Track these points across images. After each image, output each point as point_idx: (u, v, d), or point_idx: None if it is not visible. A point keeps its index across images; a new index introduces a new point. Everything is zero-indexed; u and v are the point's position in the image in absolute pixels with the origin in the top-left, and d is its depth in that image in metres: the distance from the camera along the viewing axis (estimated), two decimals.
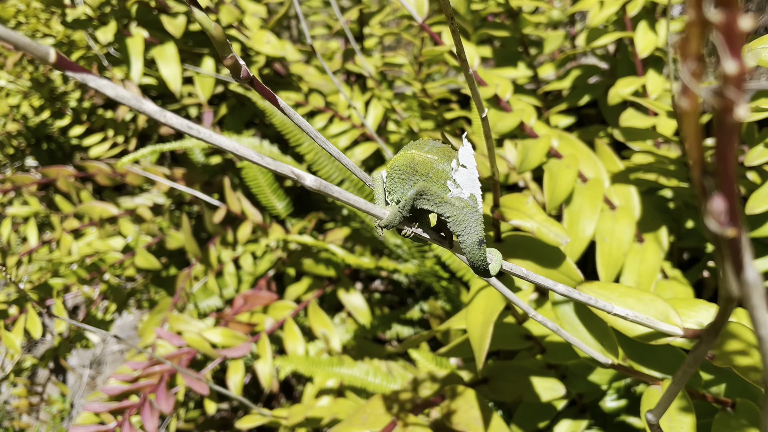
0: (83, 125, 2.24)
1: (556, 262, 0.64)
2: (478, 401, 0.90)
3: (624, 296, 0.56)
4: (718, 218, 0.18)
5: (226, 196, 1.50)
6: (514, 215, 0.60)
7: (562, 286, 0.45)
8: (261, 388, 1.99)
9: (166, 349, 1.50)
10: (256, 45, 1.50)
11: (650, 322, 0.50)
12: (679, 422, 0.57)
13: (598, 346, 0.60)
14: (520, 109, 0.89)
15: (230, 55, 0.38)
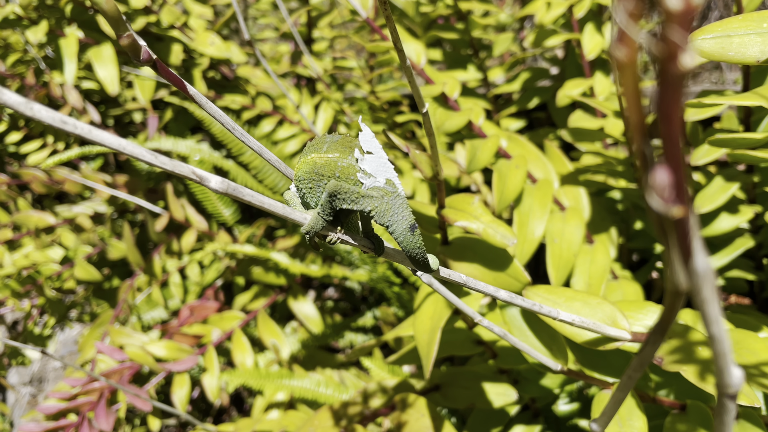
0: (21, 131, 2.14)
1: (504, 264, 0.62)
2: (428, 410, 0.87)
3: (571, 300, 0.54)
4: (661, 194, 0.16)
5: (168, 203, 1.44)
6: (460, 216, 0.57)
7: (504, 292, 0.43)
8: (211, 401, 1.93)
9: (107, 364, 1.43)
10: (200, 46, 1.45)
11: (597, 327, 0.48)
12: (630, 426, 0.56)
13: (547, 352, 0.58)
14: (468, 109, 0.88)
15: (126, 33, 0.34)
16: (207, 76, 1.63)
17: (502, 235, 0.55)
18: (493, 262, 0.62)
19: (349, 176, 0.42)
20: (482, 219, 0.57)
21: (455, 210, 0.59)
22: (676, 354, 0.51)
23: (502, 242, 0.55)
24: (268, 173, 1.38)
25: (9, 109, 2.16)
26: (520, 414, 1.07)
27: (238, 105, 1.50)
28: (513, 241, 0.55)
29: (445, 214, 0.59)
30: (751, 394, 0.47)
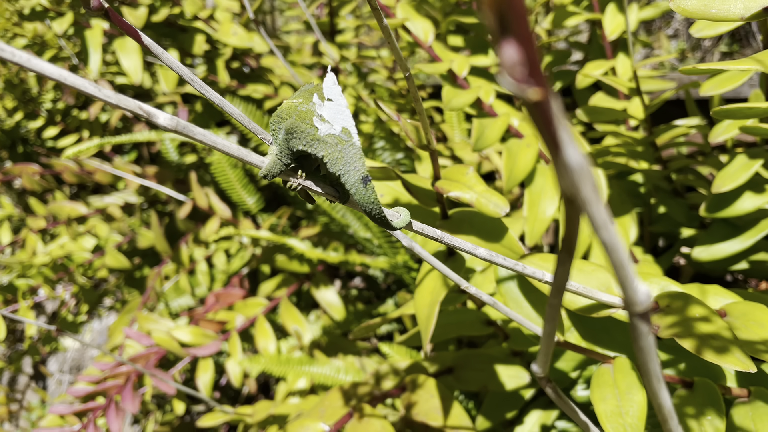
0: (57, 126, 2.21)
1: (499, 235, 0.61)
2: (438, 391, 0.87)
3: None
4: (512, 73, 0.15)
5: (193, 191, 1.46)
6: (454, 187, 0.57)
7: (483, 250, 0.42)
8: (240, 388, 1.95)
9: (134, 349, 1.47)
10: (223, 37, 1.47)
11: (587, 292, 0.47)
12: (629, 400, 0.54)
13: (542, 323, 0.57)
14: (478, 87, 0.86)
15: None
16: (231, 67, 1.65)
17: (494, 204, 0.54)
18: (489, 233, 0.61)
19: (305, 120, 0.41)
20: (476, 189, 0.56)
21: (449, 181, 0.58)
22: (674, 327, 0.49)
23: (495, 211, 0.54)
24: None
25: (46, 105, 2.23)
26: (537, 399, 1.05)
27: (261, 94, 1.51)
28: (505, 210, 0.54)
29: (439, 185, 0.58)
30: (746, 361, 0.46)
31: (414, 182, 0.61)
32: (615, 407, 0.54)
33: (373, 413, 0.81)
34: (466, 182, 0.57)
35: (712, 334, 0.46)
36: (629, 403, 0.54)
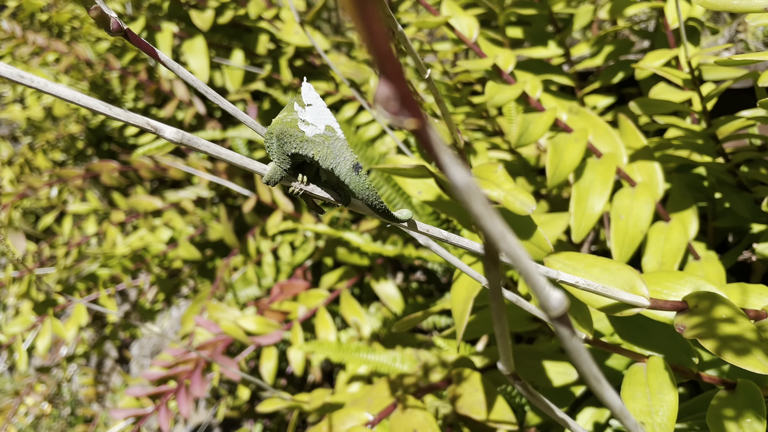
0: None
1: (529, 233, 0.61)
2: (482, 385, 0.87)
3: (590, 266, 0.53)
4: (387, 107, 0.16)
5: (256, 185, 1.52)
6: (482, 185, 0.57)
7: (479, 244, 0.43)
8: (305, 376, 2.02)
9: (204, 336, 1.55)
10: (286, 36, 1.52)
11: (606, 291, 0.47)
12: (660, 400, 0.53)
13: (572, 321, 0.57)
14: (523, 82, 0.86)
15: (94, 6, 0.38)
16: (296, 65, 1.70)
17: (521, 202, 0.55)
18: (519, 231, 0.61)
19: (292, 126, 0.44)
20: (504, 187, 0.56)
21: (479, 179, 0.59)
22: (699, 328, 0.48)
23: (522, 209, 0.54)
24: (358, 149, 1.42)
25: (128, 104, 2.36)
26: (590, 396, 1.04)
27: (321, 91, 1.55)
28: (532, 207, 0.54)
29: None
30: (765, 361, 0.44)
31: (445, 179, 0.62)
32: (645, 406, 0.54)
33: (416, 404, 0.83)
34: (494, 180, 0.57)
35: (735, 336, 0.45)
36: (660, 402, 0.53)
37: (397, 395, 0.89)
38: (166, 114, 2.14)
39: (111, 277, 1.63)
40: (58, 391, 2.98)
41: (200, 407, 2.37)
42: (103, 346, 1.87)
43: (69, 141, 2.70)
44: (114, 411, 1.40)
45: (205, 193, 1.86)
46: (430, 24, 0.82)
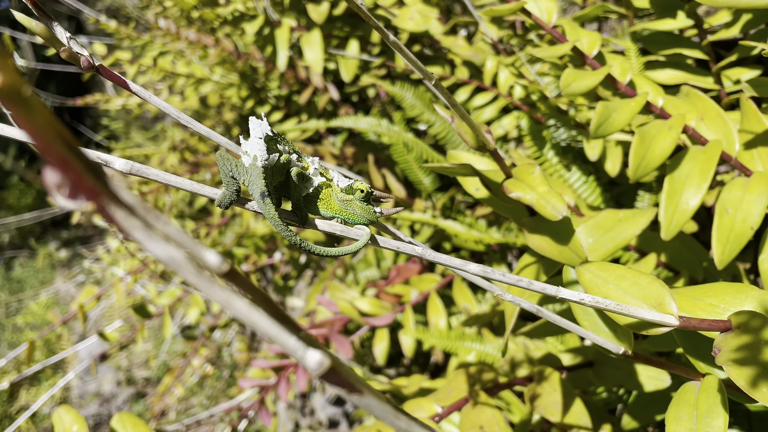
0: (281, 111, 2.49)
1: (567, 237, 0.57)
2: (561, 385, 0.84)
3: (620, 279, 0.48)
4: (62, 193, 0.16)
5: (369, 171, 1.56)
6: (517, 187, 0.54)
7: (474, 265, 0.41)
8: (429, 357, 2.05)
9: (324, 314, 1.63)
10: (400, 23, 1.53)
11: (621, 309, 0.43)
12: (706, 425, 0.48)
13: (610, 334, 0.52)
14: (608, 66, 0.79)
15: (63, 48, 0.41)
16: (413, 50, 1.70)
17: (552, 206, 0.51)
18: (559, 235, 0.57)
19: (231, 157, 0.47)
20: (538, 190, 0.53)
21: (515, 181, 0.56)
22: (739, 351, 0.43)
23: (552, 214, 0.51)
24: (457, 142, 1.41)
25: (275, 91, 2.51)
26: None
27: (436, 76, 1.55)
28: (562, 213, 0.51)
29: (505, 185, 0.56)
30: None
31: (492, 178, 0.60)
32: (689, 430, 0.49)
33: (487, 401, 0.82)
34: (530, 182, 0.54)
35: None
36: (706, 427, 0.48)
37: (475, 389, 0.89)
38: (302, 100, 2.26)
39: (245, 255, 1.78)
40: (219, 354, 3.31)
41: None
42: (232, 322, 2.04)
43: (224, 127, 2.95)
44: (242, 380, 1.53)
45: None
46: (503, 11, 0.78)
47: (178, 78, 2.66)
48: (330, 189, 0.53)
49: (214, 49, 2.27)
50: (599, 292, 0.50)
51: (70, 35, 0.42)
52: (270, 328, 0.16)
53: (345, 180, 0.54)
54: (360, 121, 1.43)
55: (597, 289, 0.50)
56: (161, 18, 2.26)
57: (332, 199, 0.53)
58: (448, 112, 0.52)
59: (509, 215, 0.66)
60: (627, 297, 0.48)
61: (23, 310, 4.25)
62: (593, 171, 1.38)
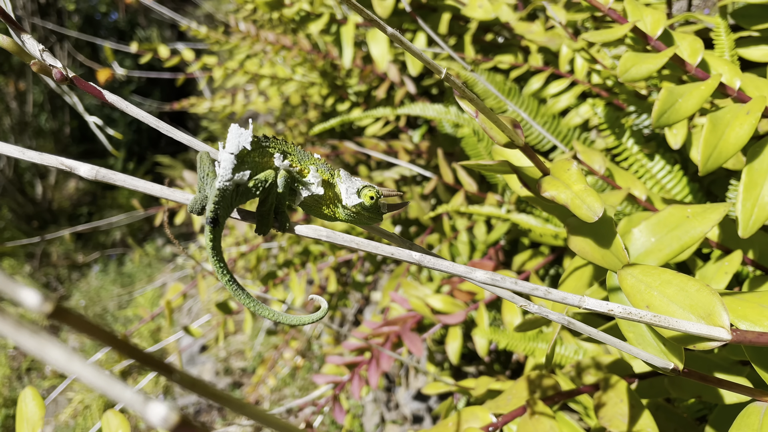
0: (360, 107, 2.50)
1: (608, 239, 0.51)
2: (628, 395, 0.77)
3: (665, 285, 0.43)
4: None
5: (439, 166, 1.53)
6: (551, 186, 0.50)
7: (481, 272, 0.37)
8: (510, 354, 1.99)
9: (397, 311, 1.62)
10: (469, 12, 1.48)
11: (658, 321, 0.38)
12: None
13: (657, 347, 0.46)
14: (675, 47, 0.71)
15: (33, 61, 0.41)
16: (486, 39, 1.65)
17: (587, 207, 0.46)
18: (600, 237, 0.52)
19: (205, 164, 0.46)
20: (573, 188, 0.48)
21: (551, 178, 0.51)
22: None
23: (587, 215, 0.46)
24: (530, 132, 1.34)
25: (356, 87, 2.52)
26: None
27: (507, 65, 1.49)
28: (598, 214, 0.46)
29: (540, 183, 0.52)
30: None
31: (530, 175, 0.56)
32: None
33: (545, 411, 0.77)
34: (565, 179, 0.50)
35: None
36: None
37: (535, 396, 0.84)
38: (380, 95, 2.25)
39: (320, 252, 1.79)
40: (309, 346, 3.38)
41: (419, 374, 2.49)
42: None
43: (307, 125, 3.00)
44: (316, 376, 1.55)
45: (407, 171, 1.92)
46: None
47: (263, 79, 2.73)
48: (334, 194, 0.51)
49: (292, 49, 2.31)
50: (641, 299, 0.45)
51: (43, 48, 0.43)
52: (96, 379, 0.14)
53: (354, 185, 0.52)
54: (427, 109, 1.40)
55: (639, 296, 0.45)
56: (241, 21, 2.32)
57: (338, 209, 0.52)
58: (471, 106, 0.48)
59: (555, 214, 0.61)
60: (672, 306, 0.43)
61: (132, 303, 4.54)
62: (679, 159, 1.28)
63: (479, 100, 0.45)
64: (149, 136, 6.63)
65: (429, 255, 0.39)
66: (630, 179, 0.86)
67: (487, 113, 0.46)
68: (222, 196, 0.46)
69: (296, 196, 0.51)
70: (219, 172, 0.46)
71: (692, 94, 0.69)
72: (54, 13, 5.92)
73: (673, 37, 0.75)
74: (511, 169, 0.57)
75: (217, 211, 0.45)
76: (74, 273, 5.44)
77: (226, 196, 0.46)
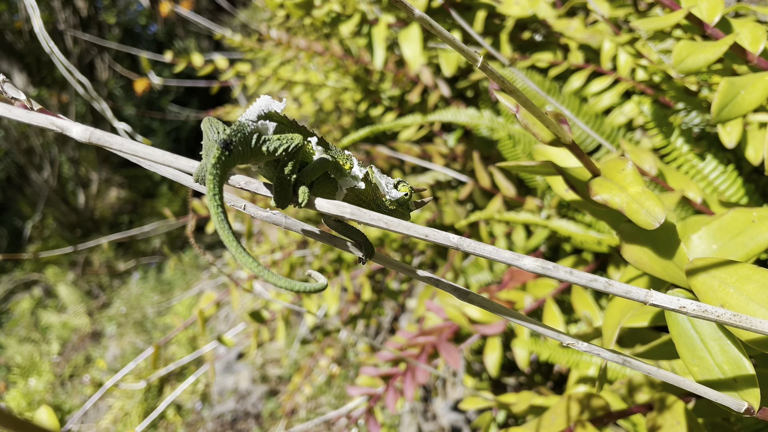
0: (393, 112, 2.46)
1: (671, 249, 0.45)
2: (686, 417, 0.71)
3: (744, 281, 0.37)
4: None
5: (475, 170, 1.47)
6: (603, 188, 0.44)
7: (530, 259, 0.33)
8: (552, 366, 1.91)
9: (433, 321, 1.56)
10: (505, 9, 1.42)
11: (737, 321, 0.32)
12: None
13: (728, 383, 0.40)
14: (735, 34, 0.65)
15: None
16: (523, 38, 1.59)
17: (647, 212, 0.40)
18: (661, 246, 0.46)
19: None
20: (629, 190, 0.43)
21: (602, 180, 0.45)
22: None
23: (647, 221, 0.40)
24: (575, 130, 1.28)
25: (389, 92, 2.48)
26: None
27: (546, 63, 1.42)
28: (659, 220, 0.40)
29: (590, 185, 0.46)
30: None
31: (578, 176, 0.50)
32: None
33: None
34: (619, 181, 0.44)
35: None
36: None
37: (583, 417, 0.78)
38: (413, 98, 2.20)
39: (354, 261, 1.75)
40: (345, 354, 3.35)
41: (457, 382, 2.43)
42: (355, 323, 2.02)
43: (341, 131, 2.97)
44: (350, 388, 1.50)
45: (441, 176, 1.87)
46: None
47: (296, 85, 2.72)
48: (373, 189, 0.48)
49: (324, 54, 2.28)
50: (715, 297, 0.39)
51: (3, 78, 0.39)
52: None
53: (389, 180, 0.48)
54: (460, 114, 1.35)
55: (713, 293, 0.39)
56: (273, 29, 2.31)
57: (376, 204, 0.48)
58: (511, 101, 0.43)
59: (605, 219, 0.56)
60: (752, 305, 0.37)
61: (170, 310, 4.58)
62: (733, 159, 1.20)
63: (521, 93, 0.40)
64: (187, 145, 6.73)
65: (468, 241, 0.35)
66: (683, 180, 0.80)
67: (530, 107, 0.40)
68: (241, 128, 0.41)
69: (337, 191, 0.47)
70: (243, 114, 0.42)
71: (756, 85, 0.62)
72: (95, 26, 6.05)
73: (731, 24, 0.68)
74: (555, 170, 0.51)
75: (233, 138, 0.41)
76: (115, 280, 5.53)
77: (245, 132, 0.42)
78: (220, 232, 0.37)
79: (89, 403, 1.66)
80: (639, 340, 1.35)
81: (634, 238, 0.50)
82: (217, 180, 0.38)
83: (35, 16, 1.06)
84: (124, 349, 4.44)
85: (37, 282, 5.59)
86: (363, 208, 0.49)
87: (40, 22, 1.08)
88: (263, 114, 0.43)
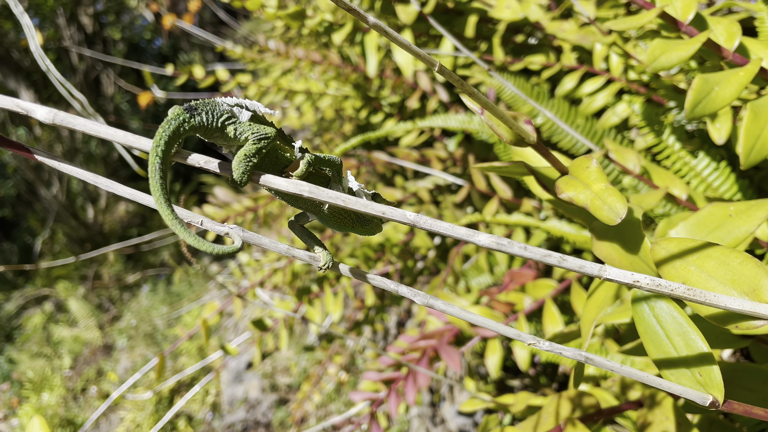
0: (394, 118, 2.47)
1: (636, 244, 0.46)
2: (674, 412, 0.71)
3: (705, 259, 0.37)
4: None
5: (471, 173, 1.48)
6: (569, 186, 0.45)
7: (485, 236, 0.33)
8: (556, 366, 1.91)
9: (434, 324, 1.57)
10: (497, 13, 1.43)
11: (692, 295, 0.33)
12: None
13: (692, 377, 0.41)
14: (708, 31, 0.65)
15: None
16: (516, 41, 1.60)
17: (609, 208, 0.41)
18: (627, 242, 0.46)
19: None
20: (593, 187, 0.43)
21: (569, 178, 0.46)
22: None
23: (609, 217, 0.41)
24: (563, 134, 1.29)
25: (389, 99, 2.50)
26: None
27: (538, 65, 1.43)
28: (621, 215, 0.41)
29: (557, 184, 0.47)
30: None
31: (548, 176, 0.51)
32: None
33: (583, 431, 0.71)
34: (584, 179, 0.45)
35: None
36: None
37: (574, 416, 0.78)
38: (412, 104, 2.21)
39: (356, 265, 1.76)
40: (353, 361, 3.35)
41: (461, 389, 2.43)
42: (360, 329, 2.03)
43: (343, 138, 2.99)
44: (352, 393, 1.51)
45: (441, 181, 1.88)
46: None
47: (297, 95, 2.74)
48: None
49: (322, 63, 2.30)
50: (677, 276, 0.40)
51: None
52: None
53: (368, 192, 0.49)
54: (450, 120, 1.36)
55: (675, 272, 0.40)
56: (271, 40, 2.33)
57: (353, 214, 0.48)
58: (475, 103, 0.44)
59: (581, 217, 0.56)
60: (711, 281, 0.38)
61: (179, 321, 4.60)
62: (726, 156, 1.20)
63: (481, 95, 0.41)
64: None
65: (424, 218, 0.36)
66: (669, 178, 0.80)
67: (491, 108, 0.42)
68: (212, 104, 0.42)
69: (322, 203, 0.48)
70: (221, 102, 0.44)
71: (730, 81, 0.63)
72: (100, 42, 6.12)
73: (706, 21, 0.69)
74: (527, 170, 0.52)
75: (200, 107, 0.42)
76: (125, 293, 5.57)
77: (216, 109, 0.43)
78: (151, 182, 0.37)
79: (95, 414, 1.68)
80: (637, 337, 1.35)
81: (603, 235, 0.51)
82: (167, 134, 0.38)
83: (30, 34, 1.08)
84: (135, 361, 4.47)
85: (48, 297, 5.64)
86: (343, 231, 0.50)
87: (35, 41, 1.10)
88: (243, 105, 0.45)
